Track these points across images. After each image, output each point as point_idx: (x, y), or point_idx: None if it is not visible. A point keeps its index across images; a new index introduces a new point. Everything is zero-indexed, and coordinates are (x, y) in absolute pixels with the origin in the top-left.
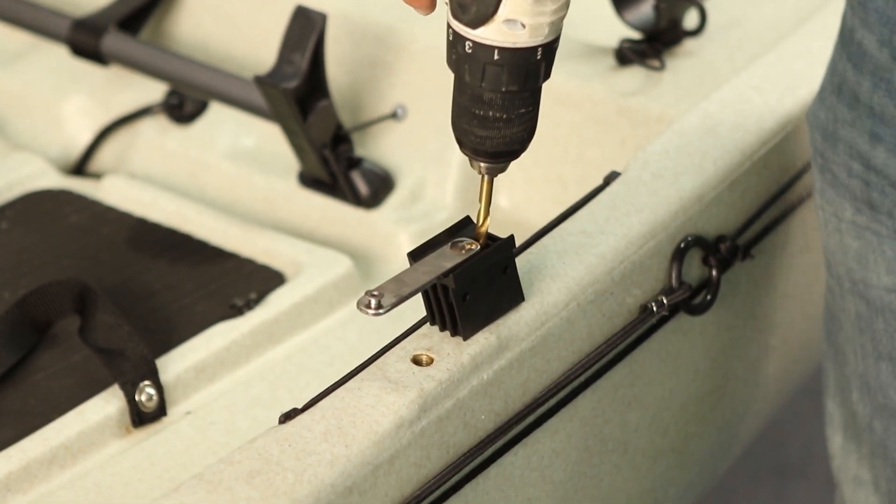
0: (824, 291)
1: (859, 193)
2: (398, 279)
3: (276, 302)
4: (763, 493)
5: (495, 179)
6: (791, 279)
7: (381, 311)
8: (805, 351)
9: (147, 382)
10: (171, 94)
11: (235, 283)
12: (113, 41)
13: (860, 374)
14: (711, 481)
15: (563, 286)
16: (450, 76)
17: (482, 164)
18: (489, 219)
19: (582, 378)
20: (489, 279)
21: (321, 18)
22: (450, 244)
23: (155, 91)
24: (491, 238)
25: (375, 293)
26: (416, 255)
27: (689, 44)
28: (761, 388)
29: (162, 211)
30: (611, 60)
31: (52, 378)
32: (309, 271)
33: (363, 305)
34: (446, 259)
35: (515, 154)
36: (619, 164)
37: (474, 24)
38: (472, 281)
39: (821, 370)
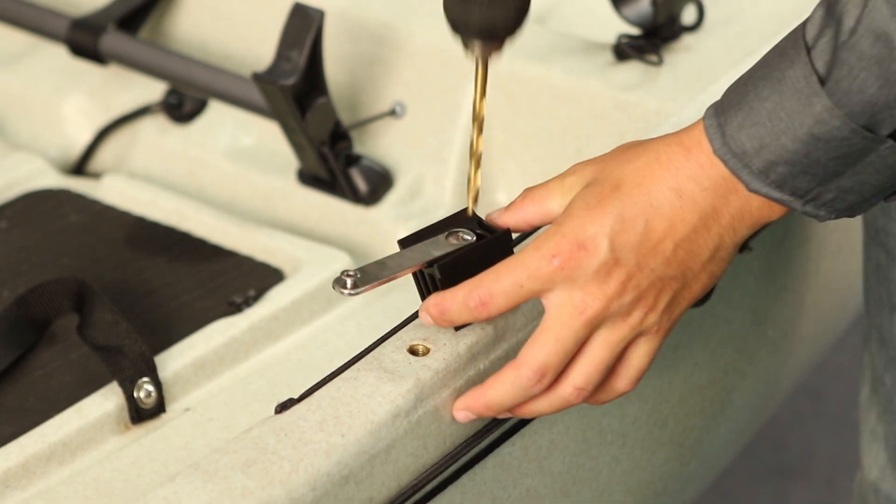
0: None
1: None
2: (380, 263)
3: (275, 299)
4: (763, 493)
5: (492, 175)
6: (790, 272)
7: (356, 290)
8: (804, 344)
9: (145, 379)
10: (171, 93)
11: (234, 281)
12: (112, 40)
13: (878, 325)
14: (711, 475)
15: None
16: (448, 74)
17: (476, 45)
18: (482, 138)
19: None
20: (482, 271)
21: (318, 15)
22: (446, 234)
23: (154, 90)
24: (487, 230)
25: (352, 273)
26: (405, 243)
27: (686, 39)
28: (760, 381)
29: (161, 209)
30: (609, 56)
31: (50, 375)
32: (308, 268)
33: (339, 285)
34: (437, 248)
35: (504, 32)
36: None
37: None
38: (462, 272)
39: (821, 368)
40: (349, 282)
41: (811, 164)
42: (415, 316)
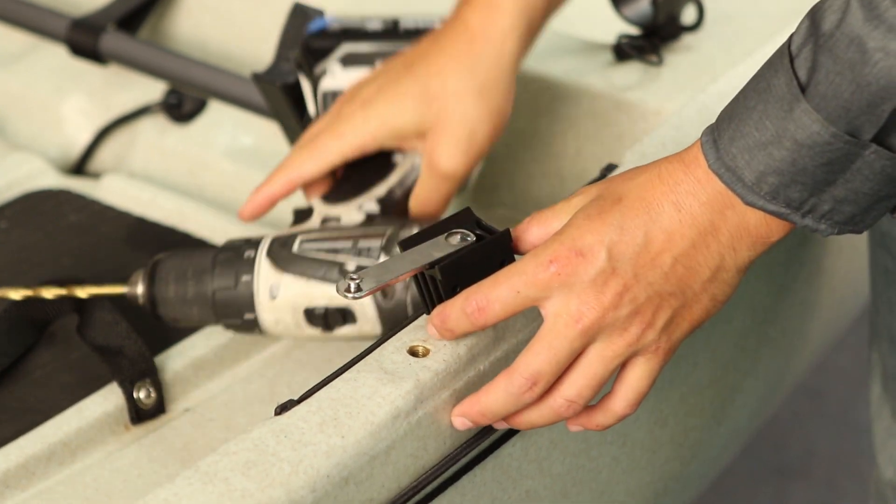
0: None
1: None
2: (382, 265)
3: None
4: (763, 493)
5: (493, 175)
6: (790, 271)
7: (360, 294)
8: (804, 343)
9: (145, 380)
10: (170, 93)
11: None
12: (111, 40)
13: (888, 326)
14: (711, 475)
15: None
16: None
17: None
18: None
19: None
20: (483, 273)
21: (318, 15)
22: (446, 235)
23: (154, 90)
24: (487, 230)
25: (355, 277)
26: (406, 244)
27: (686, 39)
28: (760, 379)
29: (161, 209)
30: (609, 56)
31: (50, 375)
32: None
33: (343, 289)
34: (438, 249)
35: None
36: (617, 159)
37: None
38: (462, 273)
39: (821, 368)
40: (352, 285)
41: (799, 173)
42: (415, 317)
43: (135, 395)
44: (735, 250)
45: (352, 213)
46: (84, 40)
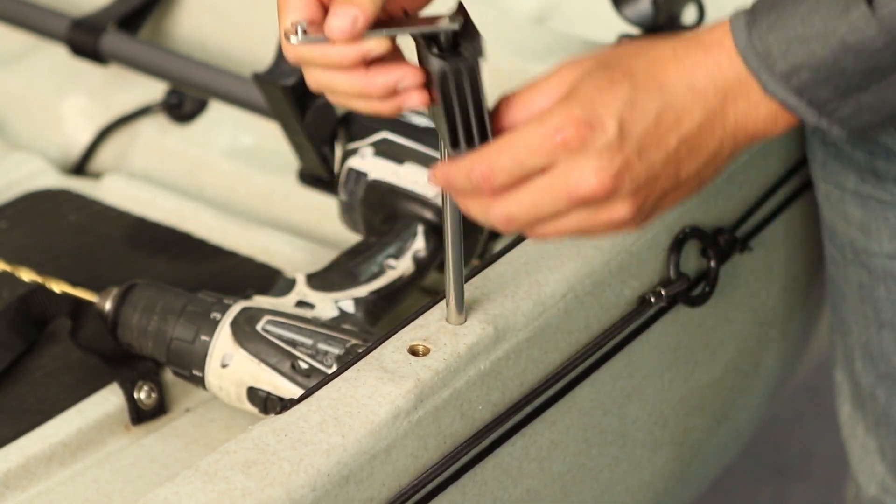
0: (826, 264)
1: (863, 163)
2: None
3: None
4: (763, 493)
5: None
6: (790, 271)
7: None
8: (805, 343)
9: (146, 380)
10: (171, 93)
11: (234, 281)
12: (112, 40)
13: (863, 343)
14: (712, 475)
15: (561, 277)
16: None
17: None
18: None
19: (580, 369)
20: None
21: None
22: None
23: (154, 90)
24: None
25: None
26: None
27: None
28: (761, 380)
29: (161, 210)
30: None
31: (51, 376)
32: (307, 269)
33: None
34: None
35: None
36: None
37: None
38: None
39: (821, 367)
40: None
41: (836, 74)
42: (415, 316)
43: (135, 395)
44: (735, 140)
45: (327, 305)
46: (84, 40)
